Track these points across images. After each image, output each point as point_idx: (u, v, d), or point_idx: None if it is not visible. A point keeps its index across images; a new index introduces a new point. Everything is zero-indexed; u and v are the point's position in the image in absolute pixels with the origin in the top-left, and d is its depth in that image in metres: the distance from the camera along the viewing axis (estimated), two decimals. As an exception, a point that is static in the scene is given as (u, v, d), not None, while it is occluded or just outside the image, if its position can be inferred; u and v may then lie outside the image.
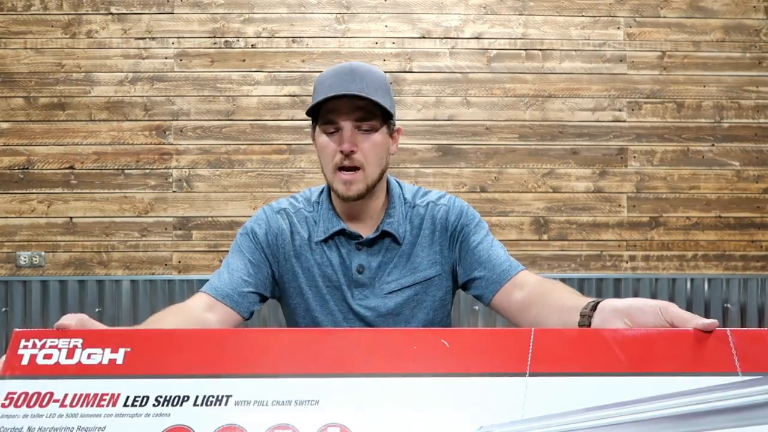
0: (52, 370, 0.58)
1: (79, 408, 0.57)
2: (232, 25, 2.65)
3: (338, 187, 1.10)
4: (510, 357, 0.59)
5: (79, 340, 0.59)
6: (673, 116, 2.68)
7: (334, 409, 0.57)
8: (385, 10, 2.66)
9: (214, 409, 0.57)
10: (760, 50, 2.69)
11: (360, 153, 1.08)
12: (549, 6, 2.68)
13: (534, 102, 2.67)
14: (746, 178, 2.69)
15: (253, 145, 2.64)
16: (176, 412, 0.57)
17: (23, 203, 2.61)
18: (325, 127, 1.11)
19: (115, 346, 0.59)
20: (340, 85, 1.07)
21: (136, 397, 0.58)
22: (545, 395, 0.57)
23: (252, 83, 2.64)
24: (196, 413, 0.57)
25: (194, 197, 2.63)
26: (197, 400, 0.57)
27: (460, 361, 0.59)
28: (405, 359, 0.58)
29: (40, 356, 0.59)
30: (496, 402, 0.57)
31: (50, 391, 0.58)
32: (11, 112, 2.61)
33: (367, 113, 1.08)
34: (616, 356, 0.59)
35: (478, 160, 2.66)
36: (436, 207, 1.17)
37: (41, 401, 0.57)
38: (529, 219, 2.66)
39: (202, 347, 0.59)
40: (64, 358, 0.59)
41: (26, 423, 0.57)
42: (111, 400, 0.57)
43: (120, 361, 0.59)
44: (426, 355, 0.59)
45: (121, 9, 2.63)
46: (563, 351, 0.59)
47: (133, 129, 2.63)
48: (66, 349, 0.59)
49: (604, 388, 0.58)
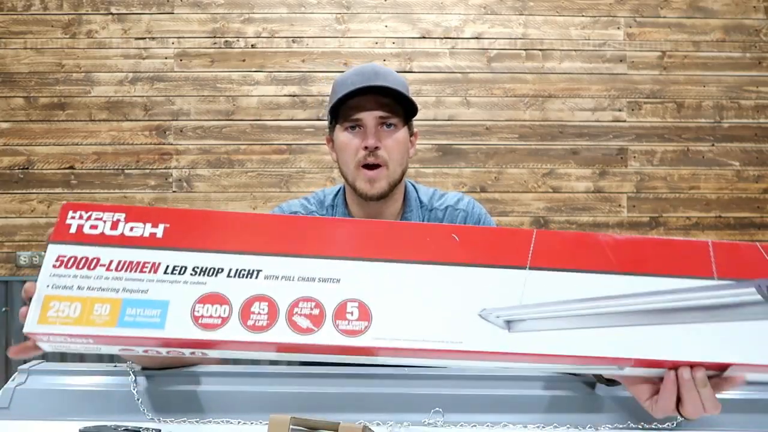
0: (97, 239, 0.64)
1: (123, 272, 0.63)
2: (232, 25, 2.65)
3: (361, 185, 1.09)
4: (513, 252, 0.65)
5: (122, 215, 0.65)
6: (673, 116, 2.68)
7: (354, 287, 0.63)
8: (385, 10, 2.66)
9: (246, 281, 0.63)
10: (760, 50, 2.69)
11: (384, 150, 1.09)
12: (549, 6, 2.68)
13: (534, 102, 2.67)
14: (746, 178, 2.69)
15: (253, 145, 2.64)
16: (211, 281, 0.63)
17: (23, 203, 2.61)
18: (347, 124, 1.10)
19: (155, 221, 0.65)
20: (363, 82, 1.07)
21: (175, 266, 0.63)
22: (542, 286, 0.64)
23: (252, 83, 2.64)
24: (230, 283, 0.63)
25: (194, 197, 2.63)
26: (230, 272, 0.63)
27: (467, 253, 0.65)
28: (418, 249, 0.65)
29: (86, 226, 0.64)
30: (499, 290, 0.64)
31: (96, 257, 0.63)
32: (11, 112, 2.61)
33: (391, 110, 1.09)
34: (608, 258, 0.66)
35: (478, 160, 2.66)
36: (456, 212, 1.17)
37: (89, 265, 0.63)
38: (529, 219, 2.66)
39: (235, 227, 0.65)
40: (109, 229, 0.64)
41: (76, 282, 0.63)
42: (152, 267, 0.63)
43: (160, 235, 0.64)
44: (438, 246, 0.65)
45: (121, 9, 2.64)
46: (561, 250, 0.66)
47: (133, 129, 2.63)
48: (110, 221, 0.64)
49: (595, 283, 0.65)
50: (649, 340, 0.63)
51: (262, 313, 0.62)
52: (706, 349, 0.63)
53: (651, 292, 0.64)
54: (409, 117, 1.13)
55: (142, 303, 0.62)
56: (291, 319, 0.62)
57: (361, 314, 0.62)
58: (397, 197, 1.15)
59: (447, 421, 0.81)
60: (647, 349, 0.64)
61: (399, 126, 1.11)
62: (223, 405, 0.83)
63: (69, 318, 0.62)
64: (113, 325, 0.61)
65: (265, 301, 0.62)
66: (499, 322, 0.63)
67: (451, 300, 0.63)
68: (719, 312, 0.64)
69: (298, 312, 0.62)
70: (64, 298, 0.62)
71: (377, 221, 0.67)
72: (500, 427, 0.81)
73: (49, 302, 0.62)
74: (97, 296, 0.62)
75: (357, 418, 0.79)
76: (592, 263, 0.65)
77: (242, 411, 0.83)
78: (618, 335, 0.63)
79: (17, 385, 0.85)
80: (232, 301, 0.62)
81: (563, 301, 0.64)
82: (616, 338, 0.63)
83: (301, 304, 0.62)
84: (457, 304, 0.63)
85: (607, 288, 0.65)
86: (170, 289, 0.62)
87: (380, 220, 0.67)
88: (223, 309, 0.62)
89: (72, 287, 0.62)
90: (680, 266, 0.66)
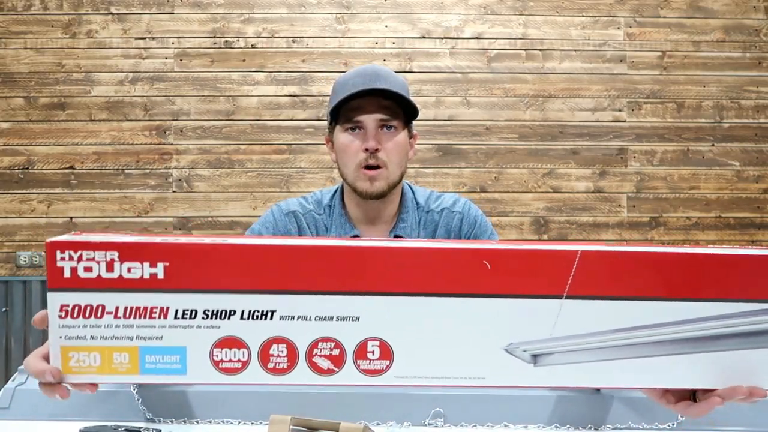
0: (96, 283, 0.60)
1: (133, 320, 0.60)
2: (232, 25, 2.65)
3: (361, 184, 1.10)
4: (550, 279, 0.59)
5: (114, 253, 0.60)
6: (673, 116, 2.68)
7: (374, 325, 0.60)
8: (385, 10, 2.66)
9: (261, 322, 0.60)
10: (760, 50, 2.69)
11: (383, 152, 1.10)
12: (549, 6, 2.68)
13: (534, 102, 2.67)
14: (746, 178, 2.69)
15: (253, 145, 2.64)
16: (225, 325, 0.60)
17: (23, 203, 2.61)
18: (347, 125, 1.11)
19: (152, 260, 0.60)
20: (364, 84, 1.07)
21: (185, 310, 0.60)
22: (577, 317, 0.59)
23: (252, 83, 2.64)
24: (244, 326, 0.60)
25: (194, 197, 2.63)
26: (243, 314, 0.60)
27: (498, 282, 0.60)
28: (444, 279, 0.60)
29: (80, 269, 0.60)
30: (529, 322, 0.59)
31: (101, 304, 0.60)
32: (11, 112, 2.61)
33: (391, 113, 1.10)
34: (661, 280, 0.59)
35: (478, 160, 2.66)
36: (452, 214, 1.17)
37: (95, 313, 0.60)
38: (529, 219, 2.66)
39: (241, 262, 0.60)
40: (105, 272, 0.60)
41: (87, 332, 0.60)
42: (161, 312, 0.60)
43: (161, 276, 0.60)
44: (466, 275, 0.60)
45: (121, 9, 2.63)
46: (606, 273, 0.59)
47: (133, 129, 2.63)
48: (104, 262, 0.60)
49: (639, 311, 0.59)
50: (681, 368, 0.60)
51: (281, 355, 0.60)
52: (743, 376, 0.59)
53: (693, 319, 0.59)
54: (410, 119, 1.14)
55: (160, 350, 0.60)
56: (311, 361, 0.60)
57: (382, 353, 0.60)
58: (395, 198, 1.16)
59: (447, 421, 0.81)
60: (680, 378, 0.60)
61: (399, 128, 1.11)
62: (223, 405, 0.83)
63: (92, 367, 0.61)
64: (137, 373, 0.61)
65: (284, 343, 0.60)
66: (525, 357, 0.60)
67: (477, 335, 0.60)
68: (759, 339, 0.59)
69: (318, 353, 0.60)
70: (82, 348, 0.60)
71: (398, 247, 0.60)
72: (500, 427, 0.81)
73: (68, 353, 0.60)
74: (113, 345, 0.60)
75: (357, 418, 0.79)
76: (640, 288, 0.59)
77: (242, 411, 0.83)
78: (649, 364, 0.59)
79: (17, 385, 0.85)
80: (249, 345, 0.60)
81: (595, 333, 0.59)
82: (649, 367, 0.60)
83: (320, 345, 0.60)
84: (483, 338, 0.60)
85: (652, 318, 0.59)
86: (185, 335, 0.60)
87: (404, 244, 0.61)
88: (242, 353, 0.60)
89: (85, 337, 0.60)
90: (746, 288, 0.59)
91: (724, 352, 0.59)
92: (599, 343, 0.59)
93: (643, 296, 0.59)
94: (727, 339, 0.59)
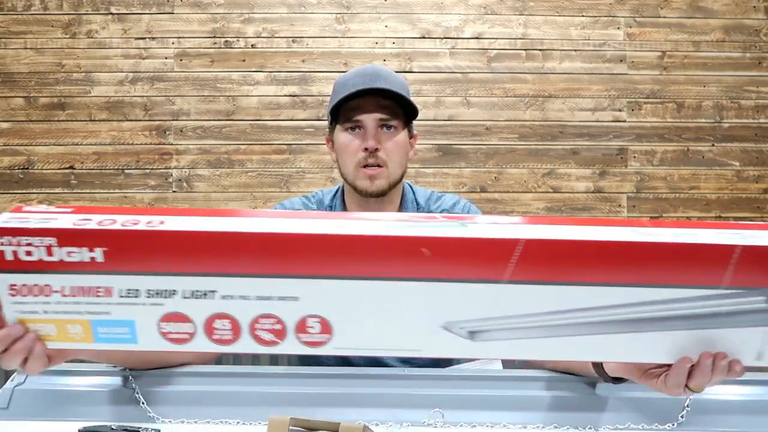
0: (38, 266, 0.61)
1: (80, 297, 0.62)
2: (232, 25, 2.65)
3: (361, 183, 1.10)
4: (491, 265, 0.60)
5: (53, 239, 0.61)
6: (673, 116, 2.68)
7: (314, 304, 0.62)
8: (385, 10, 2.66)
9: (203, 300, 0.62)
10: (760, 50, 2.69)
11: (383, 151, 1.10)
12: (549, 6, 2.68)
13: (534, 102, 2.67)
14: (746, 178, 2.69)
15: (253, 145, 2.64)
16: (168, 302, 0.62)
17: (23, 203, 2.61)
18: (348, 125, 1.11)
19: (90, 246, 0.61)
20: (364, 83, 1.08)
21: (129, 289, 0.62)
22: (517, 300, 0.60)
23: (252, 83, 2.64)
24: (187, 303, 0.62)
25: (194, 197, 2.63)
26: (185, 293, 0.62)
27: (438, 267, 0.60)
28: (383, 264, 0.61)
29: (21, 252, 0.61)
30: (468, 304, 0.61)
31: (48, 284, 0.62)
32: (11, 112, 2.61)
33: (391, 112, 1.10)
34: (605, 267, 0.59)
35: (478, 160, 2.66)
36: None
37: (43, 292, 0.62)
38: (529, 219, 2.66)
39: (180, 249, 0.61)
40: (46, 255, 0.61)
41: (39, 308, 0.62)
42: (105, 291, 0.62)
43: (100, 259, 0.61)
44: (405, 261, 0.60)
45: (121, 9, 2.63)
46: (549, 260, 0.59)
47: (133, 129, 2.63)
48: (43, 246, 0.61)
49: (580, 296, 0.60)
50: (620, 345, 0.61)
51: (225, 328, 0.63)
52: None
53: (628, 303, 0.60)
54: (410, 119, 1.14)
55: (110, 323, 0.63)
56: (254, 333, 0.63)
57: (323, 328, 0.63)
58: (395, 198, 1.16)
59: (447, 421, 0.81)
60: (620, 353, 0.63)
61: (399, 128, 1.12)
62: (222, 405, 0.83)
63: (50, 336, 0.64)
64: (91, 341, 0.63)
65: (227, 319, 0.63)
66: (462, 333, 0.61)
67: (415, 314, 0.61)
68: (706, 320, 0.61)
69: (260, 327, 0.63)
70: (38, 321, 0.63)
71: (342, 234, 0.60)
72: (500, 427, 0.81)
73: (25, 324, 0.63)
74: (65, 318, 0.63)
75: (357, 419, 0.79)
76: (585, 274, 0.59)
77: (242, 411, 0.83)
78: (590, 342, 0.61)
79: (16, 385, 0.85)
80: (194, 319, 0.63)
81: (533, 314, 0.60)
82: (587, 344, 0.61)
83: (261, 320, 0.63)
84: (421, 317, 0.62)
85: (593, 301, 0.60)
86: (131, 310, 0.62)
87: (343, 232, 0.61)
88: (188, 326, 0.63)
89: (38, 312, 0.62)
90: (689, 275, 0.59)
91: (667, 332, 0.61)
92: (537, 322, 0.61)
93: (583, 282, 0.59)
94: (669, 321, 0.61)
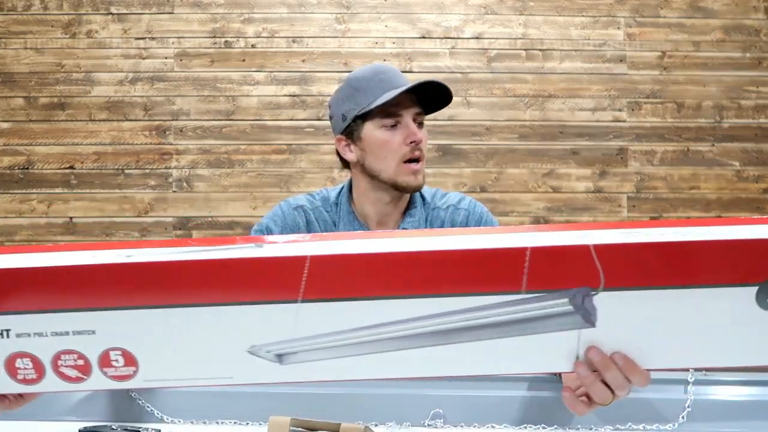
0: None
1: None
2: (232, 25, 2.65)
3: (405, 178, 1.12)
4: (283, 285, 0.58)
5: None
6: (673, 116, 2.68)
7: (112, 337, 0.60)
8: (385, 10, 2.66)
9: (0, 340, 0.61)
10: (760, 50, 2.69)
11: (423, 144, 1.13)
12: (549, 6, 2.68)
13: (534, 102, 2.67)
14: (746, 178, 2.69)
15: (253, 145, 2.64)
16: None
17: (23, 203, 2.61)
18: (387, 122, 1.12)
19: None
20: (398, 80, 1.11)
21: None
22: (316, 318, 0.59)
23: (252, 83, 2.64)
24: None
25: (194, 197, 2.63)
26: None
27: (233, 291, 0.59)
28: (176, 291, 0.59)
29: None
30: (270, 326, 0.59)
31: None
32: (11, 112, 2.61)
33: (422, 107, 1.13)
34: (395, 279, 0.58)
35: (478, 160, 2.66)
36: (457, 211, 1.19)
37: None
38: (529, 219, 2.66)
39: None
40: None
41: None
42: None
43: None
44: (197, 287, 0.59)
45: (121, 9, 2.63)
46: (338, 276, 0.58)
47: (133, 129, 2.63)
48: None
49: (375, 309, 0.58)
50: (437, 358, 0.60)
51: (27, 368, 0.62)
52: None
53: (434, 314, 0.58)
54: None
55: None
56: (58, 371, 0.62)
57: (126, 361, 0.61)
58: (407, 195, 1.17)
59: (447, 421, 0.81)
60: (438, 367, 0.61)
61: (423, 123, 1.16)
62: (222, 406, 0.83)
63: None
64: None
65: (27, 357, 0.61)
66: (270, 357, 0.61)
67: (219, 339, 0.60)
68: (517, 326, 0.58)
69: (63, 364, 0.61)
70: None
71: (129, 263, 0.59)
72: (501, 427, 0.81)
73: None
74: None
75: (357, 419, 0.79)
76: (373, 288, 0.58)
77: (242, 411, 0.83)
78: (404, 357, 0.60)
79: (17, 386, 0.85)
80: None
81: (337, 332, 0.59)
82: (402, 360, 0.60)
83: (63, 357, 0.61)
84: (226, 342, 0.60)
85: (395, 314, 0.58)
86: None
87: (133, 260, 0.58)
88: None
89: None
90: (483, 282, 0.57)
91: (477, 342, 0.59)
92: (340, 341, 0.60)
93: (375, 296, 0.58)
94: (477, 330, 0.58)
